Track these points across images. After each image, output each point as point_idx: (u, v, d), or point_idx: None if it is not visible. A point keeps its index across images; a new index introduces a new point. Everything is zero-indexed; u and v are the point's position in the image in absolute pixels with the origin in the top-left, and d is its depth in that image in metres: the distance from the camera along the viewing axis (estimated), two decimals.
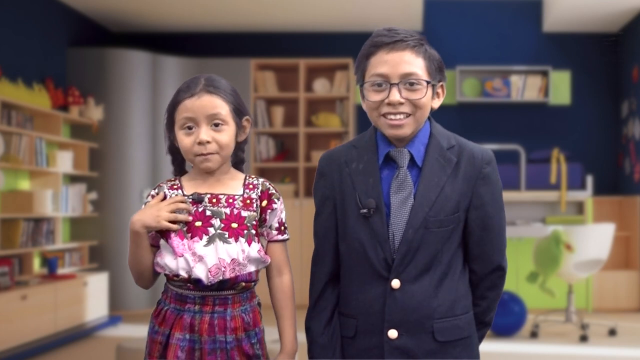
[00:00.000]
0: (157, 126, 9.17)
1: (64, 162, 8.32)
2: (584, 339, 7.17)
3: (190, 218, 2.39)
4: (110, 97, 9.13)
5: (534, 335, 7.38)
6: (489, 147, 2.43)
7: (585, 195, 8.70)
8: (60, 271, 8.08)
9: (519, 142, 9.04)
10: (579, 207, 8.76)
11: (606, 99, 10.16)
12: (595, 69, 10.14)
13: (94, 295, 8.05)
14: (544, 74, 9.85)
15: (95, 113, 8.89)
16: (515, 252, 8.73)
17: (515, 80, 9.86)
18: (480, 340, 2.44)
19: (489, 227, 2.35)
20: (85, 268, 8.79)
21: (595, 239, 7.41)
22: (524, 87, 9.84)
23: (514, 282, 8.65)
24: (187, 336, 2.36)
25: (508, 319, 7.30)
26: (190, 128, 2.39)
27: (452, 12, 10.18)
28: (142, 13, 9.63)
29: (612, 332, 7.48)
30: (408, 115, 2.29)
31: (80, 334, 7.57)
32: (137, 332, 7.33)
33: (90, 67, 9.15)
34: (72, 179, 8.84)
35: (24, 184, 8.00)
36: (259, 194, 2.46)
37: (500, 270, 2.39)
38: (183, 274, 2.36)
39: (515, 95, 9.87)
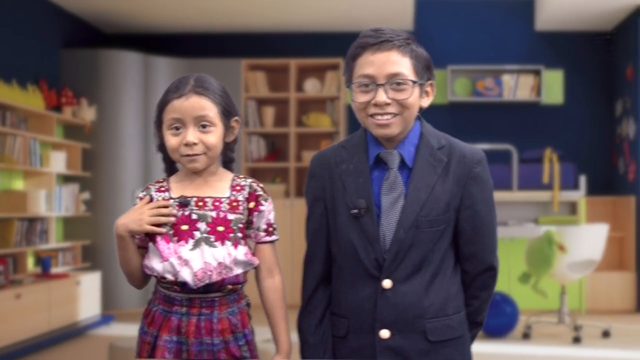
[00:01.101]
0: (149, 127, 9.16)
1: (58, 162, 8.34)
2: (577, 340, 7.16)
3: (174, 220, 2.39)
4: (102, 98, 9.14)
5: (526, 336, 7.38)
6: (481, 147, 2.44)
7: (579, 195, 8.70)
8: (54, 270, 8.08)
9: (511, 141, 9.02)
10: (572, 207, 8.77)
11: (599, 98, 10.15)
12: (588, 68, 10.14)
13: (86, 294, 8.06)
14: (537, 73, 9.84)
15: (88, 114, 8.90)
16: (507, 253, 8.71)
17: (507, 79, 9.85)
18: (472, 340, 2.44)
19: (480, 227, 2.36)
20: (78, 267, 8.80)
21: (588, 239, 7.40)
22: (516, 86, 9.84)
23: (506, 282, 8.60)
24: (175, 338, 2.37)
25: (500, 320, 7.28)
26: (177, 129, 2.38)
27: (444, 12, 10.18)
28: (134, 14, 9.63)
29: (606, 334, 7.46)
30: (395, 115, 2.28)
31: (73, 333, 7.59)
32: (129, 331, 7.29)
33: (83, 68, 9.17)
34: (66, 179, 8.84)
35: (18, 184, 8.02)
36: (246, 195, 2.44)
37: (491, 270, 2.40)
38: (169, 277, 2.36)
39: (507, 95, 9.86)
